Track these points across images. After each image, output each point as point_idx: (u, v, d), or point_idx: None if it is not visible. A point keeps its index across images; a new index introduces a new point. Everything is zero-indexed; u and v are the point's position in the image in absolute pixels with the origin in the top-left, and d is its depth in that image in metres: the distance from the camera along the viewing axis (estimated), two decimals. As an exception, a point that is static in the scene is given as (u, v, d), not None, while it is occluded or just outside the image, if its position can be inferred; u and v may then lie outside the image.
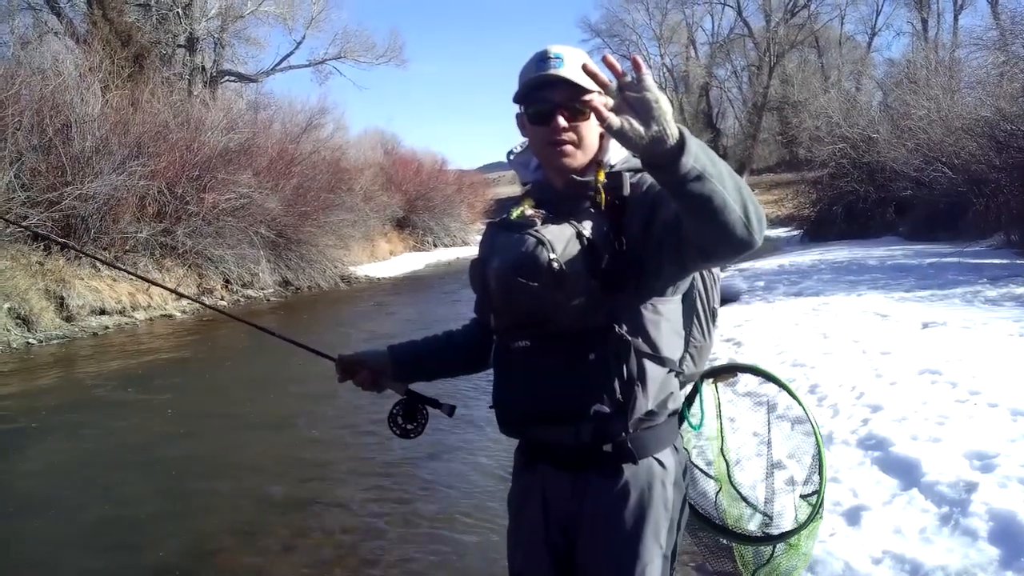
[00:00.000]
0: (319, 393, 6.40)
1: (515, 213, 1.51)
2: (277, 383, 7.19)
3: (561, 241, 1.40)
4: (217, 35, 25.10)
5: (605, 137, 1.48)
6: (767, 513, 2.21)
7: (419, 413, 1.75)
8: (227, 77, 26.09)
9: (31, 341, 9.57)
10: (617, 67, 1.14)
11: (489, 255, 1.53)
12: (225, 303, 13.57)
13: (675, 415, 1.53)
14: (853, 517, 2.99)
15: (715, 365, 1.99)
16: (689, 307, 1.60)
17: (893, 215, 19.35)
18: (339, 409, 6.03)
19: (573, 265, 1.38)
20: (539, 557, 1.53)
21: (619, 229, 1.40)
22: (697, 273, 1.60)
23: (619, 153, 1.51)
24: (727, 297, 1.80)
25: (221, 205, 14.10)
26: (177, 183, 13.61)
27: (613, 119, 1.10)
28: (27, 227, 8.65)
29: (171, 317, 12.07)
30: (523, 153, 1.62)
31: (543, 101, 1.44)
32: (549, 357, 1.43)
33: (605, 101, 1.16)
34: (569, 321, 1.40)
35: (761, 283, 10.76)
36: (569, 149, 1.45)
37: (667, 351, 1.45)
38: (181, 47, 23.13)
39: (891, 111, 21.49)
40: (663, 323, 1.45)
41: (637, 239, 1.39)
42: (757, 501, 2.26)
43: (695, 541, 2.27)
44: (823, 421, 4.09)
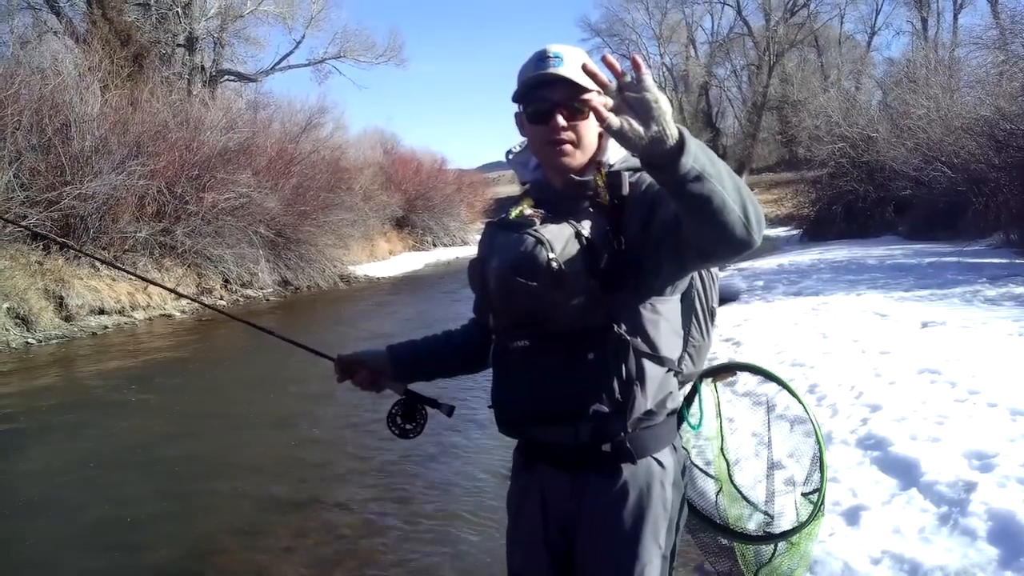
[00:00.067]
0: (319, 393, 6.40)
1: (514, 212, 1.51)
2: (277, 383, 7.19)
3: (560, 240, 1.40)
4: (216, 34, 25.07)
5: (604, 137, 1.48)
6: (768, 512, 2.20)
7: (418, 413, 1.75)
8: (226, 77, 26.06)
9: (30, 341, 9.56)
10: (617, 67, 1.13)
11: (488, 255, 1.53)
12: (224, 303, 13.56)
13: (674, 415, 1.53)
14: (852, 517, 2.99)
15: (714, 364, 1.99)
16: (688, 306, 1.60)
17: (892, 214, 19.37)
18: (339, 409, 6.03)
19: (572, 265, 1.38)
20: (538, 557, 1.52)
21: (618, 229, 1.40)
22: (696, 272, 1.59)
23: (618, 152, 1.51)
24: (726, 296, 1.80)
25: (220, 205, 14.10)
26: (176, 183, 13.60)
27: (612, 119, 1.10)
28: (26, 227, 8.63)
29: (170, 317, 12.06)
30: (522, 152, 1.62)
31: (542, 100, 1.44)
32: (548, 357, 1.43)
33: (604, 101, 1.16)
34: (568, 321, 1.40)
35: (760, 282, 10.76)
36: (568, 148, 1.45)
37: (666, 350, 1.45)
38: (180, 47, 23.10)
39: (890, 110, 21.50)
40: (662, 322, 1.44)
41: (636, 239, 1.39)
42: (757, 500, 2.26)
43: (695, 541, 2.27)
44: (822, 421, 4.08)
